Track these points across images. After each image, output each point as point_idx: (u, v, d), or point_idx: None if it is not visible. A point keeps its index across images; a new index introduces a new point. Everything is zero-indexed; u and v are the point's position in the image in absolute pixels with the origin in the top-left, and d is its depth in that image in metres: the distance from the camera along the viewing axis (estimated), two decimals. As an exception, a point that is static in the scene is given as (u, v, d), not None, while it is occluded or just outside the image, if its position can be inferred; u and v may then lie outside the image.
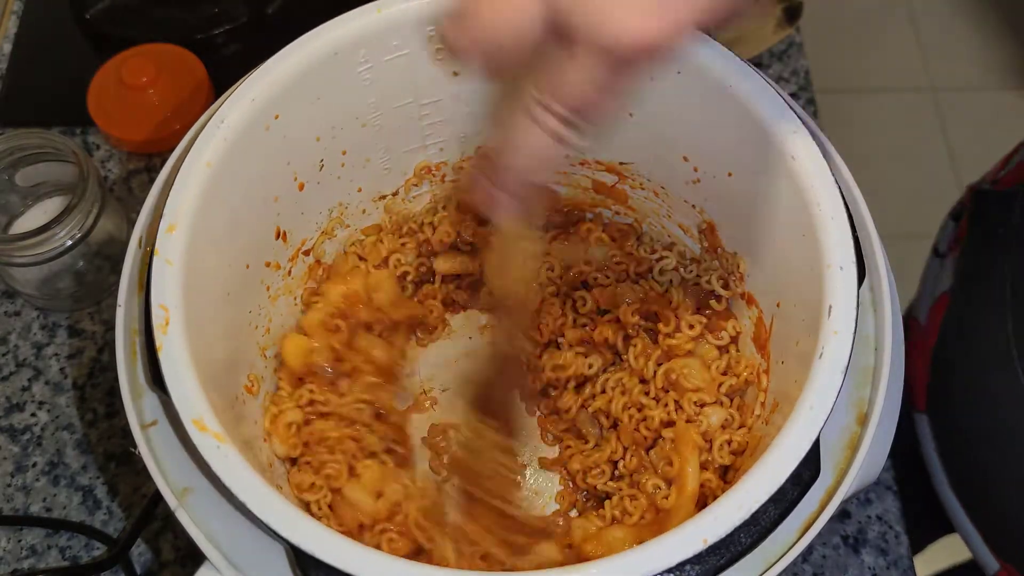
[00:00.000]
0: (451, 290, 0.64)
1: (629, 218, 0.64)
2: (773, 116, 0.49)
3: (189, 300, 0.45)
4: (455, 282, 0.64)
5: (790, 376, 0.49)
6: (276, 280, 0.57)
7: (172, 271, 0.45)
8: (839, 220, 0.46)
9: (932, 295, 0.76)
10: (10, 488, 0.64)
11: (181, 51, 0.78)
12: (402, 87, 0.55)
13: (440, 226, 0.62)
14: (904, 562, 0.63)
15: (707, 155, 0.55)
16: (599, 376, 0.59)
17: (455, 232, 0.62)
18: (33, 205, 0.68)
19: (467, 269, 0.62)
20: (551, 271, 0.61)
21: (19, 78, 0.80)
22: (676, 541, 0.40)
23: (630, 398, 0.57)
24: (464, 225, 0.62)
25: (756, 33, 0.81)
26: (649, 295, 0.60)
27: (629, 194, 0.62)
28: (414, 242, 0.62)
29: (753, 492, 0.41)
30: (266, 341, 0.56)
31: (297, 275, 0.59)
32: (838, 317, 0.44)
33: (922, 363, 0.75)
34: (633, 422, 0.56)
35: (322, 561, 0.39)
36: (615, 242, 0.63)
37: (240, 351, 0.54)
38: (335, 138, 0.55)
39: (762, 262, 0.55)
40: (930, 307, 0.76)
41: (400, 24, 0.51)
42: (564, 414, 0.59)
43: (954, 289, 0.73)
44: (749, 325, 0.57)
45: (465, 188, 0.49)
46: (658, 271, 0.61)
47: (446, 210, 0.64)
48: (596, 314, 0.61)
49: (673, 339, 0.57)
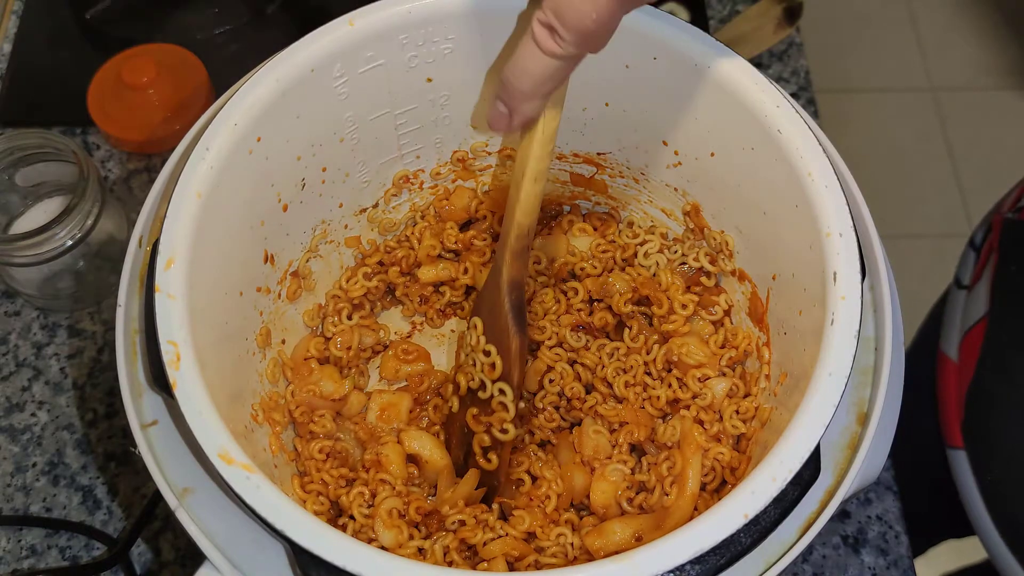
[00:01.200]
0: (436, 298, 0.64)
1: (607, 207, 0.64)
2: (754, 92, 0.49)
3: (195, 333, 0.45)
4: (441, 288, 0.64)
5: (796, 346, 0.50)
6: (268, 305, 0.56)
7: (176, 305, 0.44)
8: (832, 188, 0.47)
9: (962, 328, 0.75)
10: (10, 488, 0.64)
11: (181, 51, 0.78)
12: (378, 98, 0.55)
13: (423, 240, 0.62)
14: (904, 562, 0.63)
15: (688, 138, 0.55)
16: (593, 348, 0.60)
17: (438, 242, 0.62)
18: (33, 205, 0.68)
19: (451, 275, 0.62)
20: (538, 264, 0.61)
21: (19, 78, 0.80)
22: (681, 539, 0.40)
23: (634, 376, 0.58)
24: (446, 234, 0.62)
25: (756, 33, 0.81)
26: (638, 280, 0.60)
27: (608, 183, 0.62)
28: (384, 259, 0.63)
29: (787, 460, 0.41)
30: (264, 367, 0.56)
31: (286, 297, 0.59)
32: (844, 282, 0.45)
33: (956, 398, 0.74)
34: (639, 400, 0.57)
35: (324, 560, 0.39)
36: (597, 231, 0.63)
37: (244, 379, 0.53)
38: (315, 155, 0.55)
39: (752, 237, 0.55)
40: (960, 341, 0.75)
41: (374, 35, 0.51)
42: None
43: (990, 322, 0.72)
44: (743, 300, 0.57)
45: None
46: (643, 255, 0.61)
47: (425, 219, 0.64)
48: (588, 303, 0.61)
49: (669, 323, 0.58)
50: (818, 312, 0.45)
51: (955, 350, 0.75)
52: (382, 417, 0.58)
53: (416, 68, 0.54)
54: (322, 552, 0.39)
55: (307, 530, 0.40)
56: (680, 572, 0.40)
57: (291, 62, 0.50)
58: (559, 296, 0.61)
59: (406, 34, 0.52)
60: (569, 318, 0.60)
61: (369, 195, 0.61)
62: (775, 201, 0.50)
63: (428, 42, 0.53)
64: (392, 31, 0.52)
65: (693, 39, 0.50)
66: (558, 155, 0.61)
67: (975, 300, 0.74)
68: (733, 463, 0.53)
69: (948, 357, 0.76)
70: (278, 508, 0.40)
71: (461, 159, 0.62)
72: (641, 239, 0.62)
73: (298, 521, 0.40)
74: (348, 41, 0.51)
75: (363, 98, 0.54)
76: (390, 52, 0.53)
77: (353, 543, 0.40)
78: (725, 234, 0.57)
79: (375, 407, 0.58)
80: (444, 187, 0.64)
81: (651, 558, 0.39)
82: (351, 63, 0.52)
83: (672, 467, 0.54)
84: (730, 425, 0.54)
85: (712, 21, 0.85)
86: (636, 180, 0.61)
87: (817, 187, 0.47)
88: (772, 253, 0.53)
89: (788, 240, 0.50)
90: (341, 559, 0.39)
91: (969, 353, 0.73)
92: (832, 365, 0.43)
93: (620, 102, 0.56)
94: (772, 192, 0.50)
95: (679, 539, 0.40)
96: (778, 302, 0.53)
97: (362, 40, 0.51)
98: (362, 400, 0.59)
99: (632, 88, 0.54)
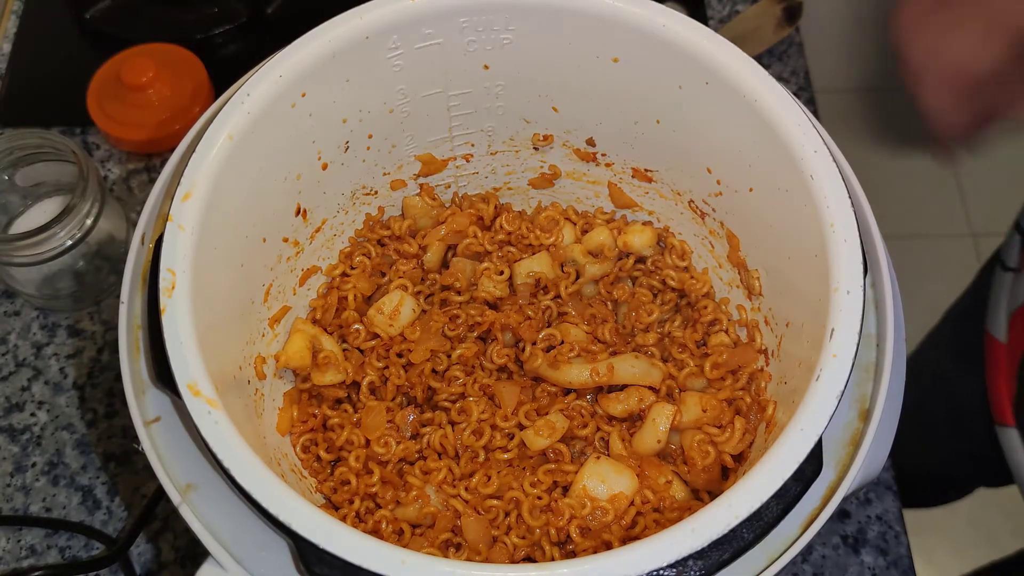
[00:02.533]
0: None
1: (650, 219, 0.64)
2: (796, 134, 0.48)
3: (199, 266, 0.45)
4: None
5: (787, 400, 0.49)
6: (293, 256, 0.57)
7: (184, 237, 0.45)
8: (851, 243, 0.46)
9: (1009, 309, 0.76)
10: (10, 488, 0.64)
11: (181, 51, 0.78)
12: (432, 76, 0.55)
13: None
14: (904, 562, 0.63)
15: (730, 169, 0.54)
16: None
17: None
18: (33, 205, 0.68)
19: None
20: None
21: (19, 78, 0.80)
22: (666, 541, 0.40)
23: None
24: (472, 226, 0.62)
25: (756, 33, 0.81)
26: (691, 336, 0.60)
27: (652, 202, 0.62)
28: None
29: (720, 516, 0.40)
30: (280, 315, 0.57)
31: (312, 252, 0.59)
32: (839, 341, 0.44)
33: (1007, 376, 0.74)
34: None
35: (323, 549, 0.39)
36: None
37: (251, 323, 0.54)
38: (362, 121, 0.55)
39: (776, 281, 0.54)
40: (1009, 320, 0.75)
41: (433, 13, 0.52)
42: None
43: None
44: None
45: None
46: (715, 333, 0.60)
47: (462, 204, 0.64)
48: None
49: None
50: (810, 367, 0.45)
51: (1003, 331, 0.76)
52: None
53: (474, 53, 0.54)
54: (263, 499, 0.40)
55: (251, 474, 0.41)
56: (683, 568, 0.40)
57: (346, 26, 0.50)
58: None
59: (466, 18, 0.52)
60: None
61: (411, 169, 0.62)
62: (799, 247, 0.50)
63: (488, 29, 0.53)
64: (453, 12, 0.52)
65: (745, 69, 0.49)
66: (607, 163, 0.61)
67: (1022, 282, 0.75)
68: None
69: (996, 338, 0.77)
70: (229, 444, 0.41)
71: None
72: (711, 317, 0.60)
73: (246, 459, 0.41)
74: (407, 14, 0.51)
75: (417, 73, 0.55)
76: (449, 32, 0.53)
77: (351, 532, 0.40)
78: (757, 272, 0.56)
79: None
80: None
81: (650, 555, 0.39)
82: (408, 37, 0.52)
83: None
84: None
85: (712, 21, 0.85)
86: (676, 203, 0.61)
87: (836, 239, 0.46)
88: (790, 300, 0.52)
89: (804, 289, 0.49)
90: (312, 533, 0.40)
91: (1018, 332, 0.73)
92: (805, 420, 0.42)
93: (671, 122, 0.55)
94: (798, 238, 0.49)
95: (675, 537, 0.40)
96: (786, 352, 0.53)
97: (421, 16, 0.51)
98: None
99: (683, 110, 0.53)
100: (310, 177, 0.55)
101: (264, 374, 0.54)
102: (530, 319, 0.59)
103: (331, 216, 0.59)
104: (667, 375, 0.57)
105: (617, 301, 0.61)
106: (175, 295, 0.44)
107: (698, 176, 0.57)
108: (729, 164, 0.54)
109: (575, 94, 0.57)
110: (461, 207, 0.64)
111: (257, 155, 0.50)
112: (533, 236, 0.61)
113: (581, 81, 0.55)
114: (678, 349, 0.58)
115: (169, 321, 0.43)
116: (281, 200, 0.54)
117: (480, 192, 0.65)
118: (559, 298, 0.60)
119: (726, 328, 0.59)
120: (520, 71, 0.56)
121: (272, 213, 0.54)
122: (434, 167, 0.62)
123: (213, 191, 0.47)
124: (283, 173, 0.53)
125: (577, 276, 0.61)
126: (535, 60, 0.55)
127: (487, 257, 0.61)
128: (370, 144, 0.57)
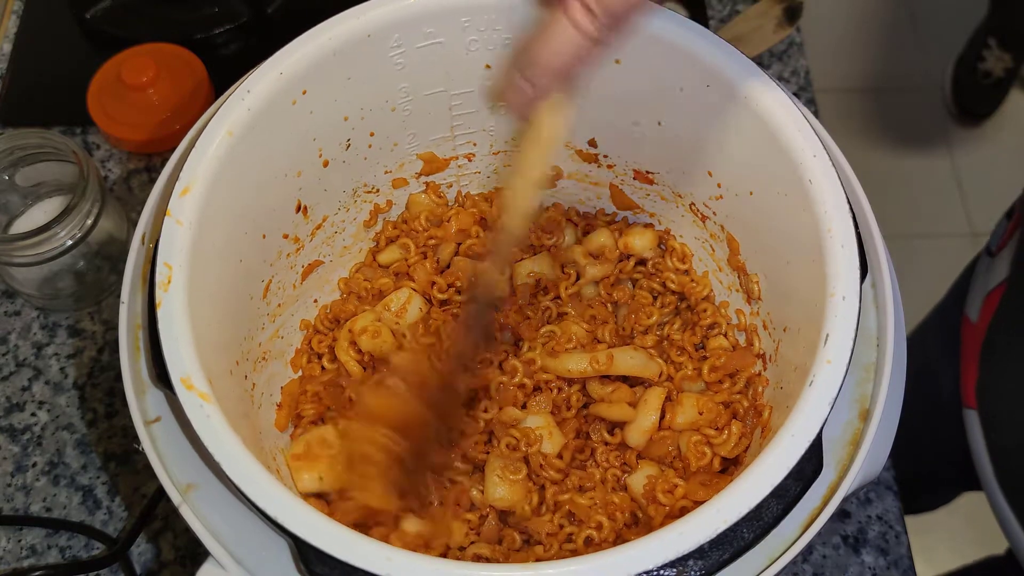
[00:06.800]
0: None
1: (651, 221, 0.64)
2: (796, 138, 0.48)
3: (196, 261, 0.45)
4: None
5: (783, 404, 0.49)
6: (293, 252, 0.57)
7: (182, 231, 0.45)
8: (849, 249, 0.45)
9: (983, 291, 0.76)
10: (10, 488, 0.64)
11: (181, 51, 0.78)
12: (434, 75, 0.56)
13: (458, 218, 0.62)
14: (904, 562, 0.63)
15: (730, 172, 0.55)
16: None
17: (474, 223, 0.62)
18: (33, 205, 0.68)
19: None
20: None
21: (19, 78, 0.80)
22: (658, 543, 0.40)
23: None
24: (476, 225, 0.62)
25: (756, 33, 0.81)
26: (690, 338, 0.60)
27: (653, 204, 0.62)
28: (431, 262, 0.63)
29: (717, 516, 0.40)
30: (278, 312, 0.57)
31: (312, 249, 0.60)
32: (833, 347, 0.43)
33: (973, 358, 0.74)
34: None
35: (320, 549, 0.39)
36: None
37: (250, 318, 0.54)
38: (363, 119, 0.56)
39: (775, 285, 0.54)
40: (982, 303, 0.75)
41: (435, 12, 0.52)
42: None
43: (1009, 282, 0.72)
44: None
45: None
46: (714, 336, 0.61)
47: (464, 206, 0.64)
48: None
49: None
50: (805, 372, 0.44)
51: (976, 312, 0.76)
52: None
53: (476, 53, 0.55)
54: (253, 493, 0.40)
55: (240, 468, 0.41)
56: (683, 567, 0.40)
57: (347, 25, 0.50)
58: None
59: (467, 17, 0.52)
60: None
61: (413, 168, 0.62)
62: (797, 252, 0.50)
63: (490, 29, 0.53)
64: (453, 12, 0.52)
65: (745, 72, 0.49)
66: (608, 164, 0.61)
67: (998, 264, 0.75)
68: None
69: (969, 319, 0.77)
70: (221, 438, 0.41)
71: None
72: (711, 320, 0.60)
73: (238, 454, 0.41)
74: (408, 13, 0.51)
75: (419, 72, 0.55)
76: (450, 32, 0.53)
77: (345, 531, 0.40)
78: (756, 276, 0.56)
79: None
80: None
81: (637, 557, 0.39)
82: (409, 36, 0.52)
83: None
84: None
85: (712, 21, 0.85)
86: (677, 205, 0.61)
87: (833, 244, 0.46)
88: (788, 305, 0.52)
89: (801, 294, 0.49)
90: (299, 528, 0.40)
91: (986, 314, 0.74)
92: (797, 426, 0.42)
93: (673, 125, 0.55)
94: (796, 242, 0.49)
95: (663, 539, 0.40)
96: (783, 357, 0.53)
97: (422, 15, 0.52)
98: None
99: (685, 112, 0.54)
100: (311, 174, 0.55)
101: (261, 370, 0.54)
102: (529, 319, 0.59)
103: (332, 213, 0.59)
104: (665, 372, 0.57)
105: (617, 303, 0.61)
106: (171, 289, 0.44)
107: (699, 179, 0.57)
108: (729, 167, 0.54)
109: (577, 95, 0.57)
110: (464, 206, 0.64)
111: (257, 151, 0.50)
112: (534, 236, 0.62)
113: (583, 82, 0.55)
114: (677, 352, 0.58)
115: (164, 315, 0.44)
116: (281, 196, 0.54)
117: (482, 192, 0.65)
118: (559, 299, 0.60)
119: (725, 332, 0.59)
120: None
121: (272, 209, 0.54)
122: (436, 166, 0.62)
123: (212, 186, 0.47)
124: (283, 170, 0.53)
125: (577, 277, 0.61)
126: None
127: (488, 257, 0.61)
128: (372, 142, 0.57)
